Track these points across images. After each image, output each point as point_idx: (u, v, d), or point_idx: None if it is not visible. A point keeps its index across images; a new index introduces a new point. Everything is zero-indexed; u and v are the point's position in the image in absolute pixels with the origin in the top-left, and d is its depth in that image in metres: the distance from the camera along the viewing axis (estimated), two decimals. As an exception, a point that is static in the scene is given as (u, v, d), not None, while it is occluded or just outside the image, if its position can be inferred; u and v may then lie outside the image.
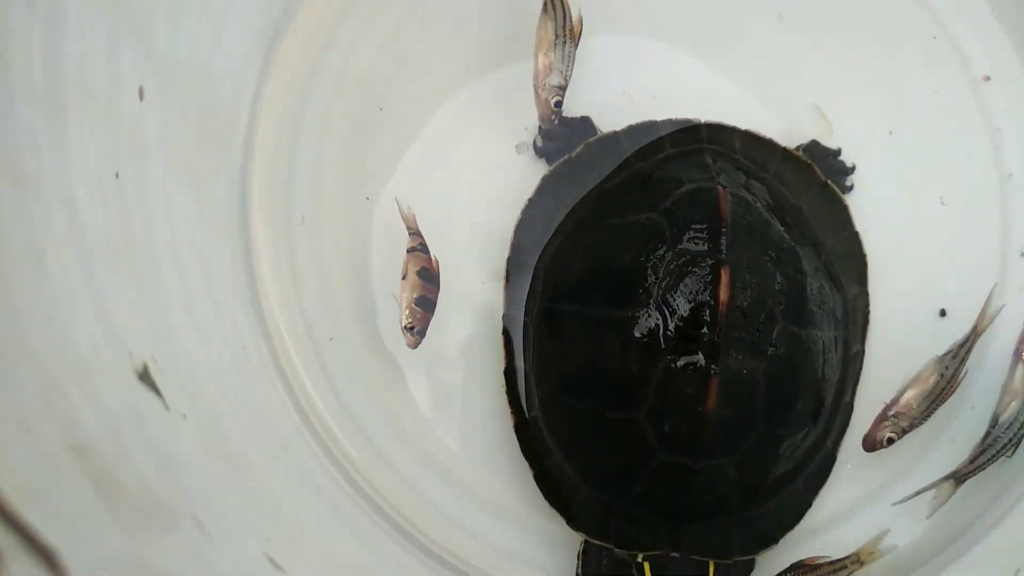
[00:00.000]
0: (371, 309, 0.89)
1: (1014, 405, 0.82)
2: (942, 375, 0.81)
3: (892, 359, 0.87)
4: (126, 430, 0.52)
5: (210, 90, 0.82)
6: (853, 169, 0.91)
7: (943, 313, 0.91)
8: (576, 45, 0.83)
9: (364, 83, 0.92)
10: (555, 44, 0.82)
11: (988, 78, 0.95)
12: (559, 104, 0.82)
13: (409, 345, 0.78)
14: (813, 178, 0.87)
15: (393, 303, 0.87)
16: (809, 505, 0.82)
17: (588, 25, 0.89)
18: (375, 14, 0.93)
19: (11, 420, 0.42)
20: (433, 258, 0.80)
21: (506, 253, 0.85)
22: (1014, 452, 0.82)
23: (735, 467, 0.76)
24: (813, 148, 0.90)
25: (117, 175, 0.63)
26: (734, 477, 0.76)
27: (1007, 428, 0.82)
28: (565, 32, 0.82)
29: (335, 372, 0.88)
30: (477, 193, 0.90)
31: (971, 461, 0.82)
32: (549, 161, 0.88)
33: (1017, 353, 0.84)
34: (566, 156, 0.85)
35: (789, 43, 0.94)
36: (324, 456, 0.84)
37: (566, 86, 0.82)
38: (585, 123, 0.88)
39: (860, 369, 0.85)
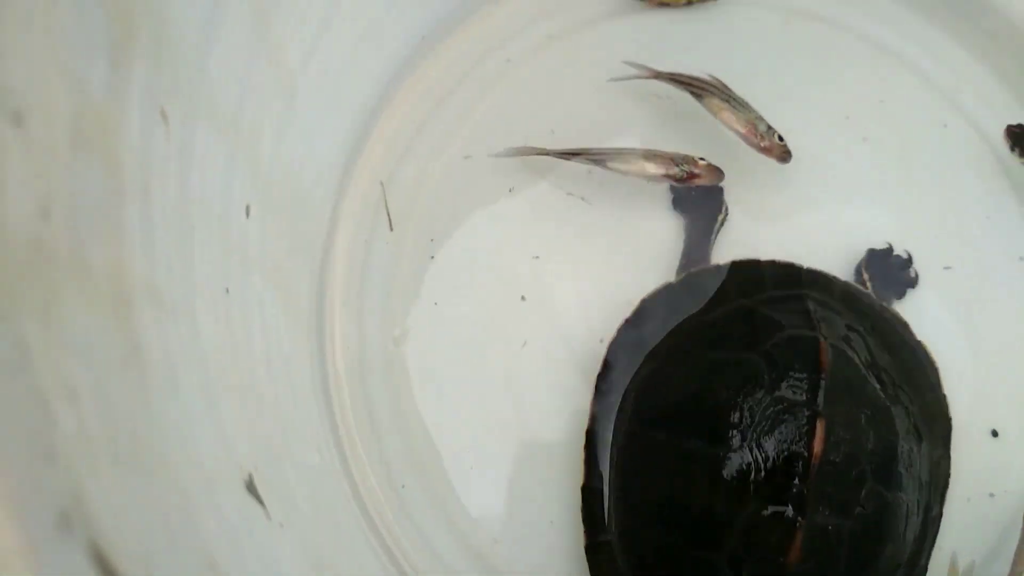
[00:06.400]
0: (438, 409, 0.91)
1: None
2: None
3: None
4: (242, 542, 0.54)
5: (300, 199, 0.86)
6: (916, 280, 0.94)
7: (995, 434, 0.92)
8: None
9: (437, 193, 0.97)
10: (732, 104, 0.90)
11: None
12: (781, 137, 0.89)
13: None
14: (908, 336, 0.88)
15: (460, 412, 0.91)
16: None
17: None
18: (455, 126, 0.98)
19: (161, 540, 0.44)
20: None
21: (597, 368, 0.86)
22: None
23: None
24: (873, 258, 0.93)
25: (227, 290, 0.67)
26: None
27: None
28: (725, 91, 0.91)
29: (402, 478, 0.90)
30: (570, 304, 0.93)
31: None
32: (677, 207, 0.94)
33: None
34: (667, 282, 0.88)
35: (856, 167, 0.98)
36: (391, 565, 0.85)
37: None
38: (717, 192, 0.94)
39: (937, 532, 0.84)
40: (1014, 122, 0.97)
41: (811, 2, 1.03)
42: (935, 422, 0.87)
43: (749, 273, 0.88)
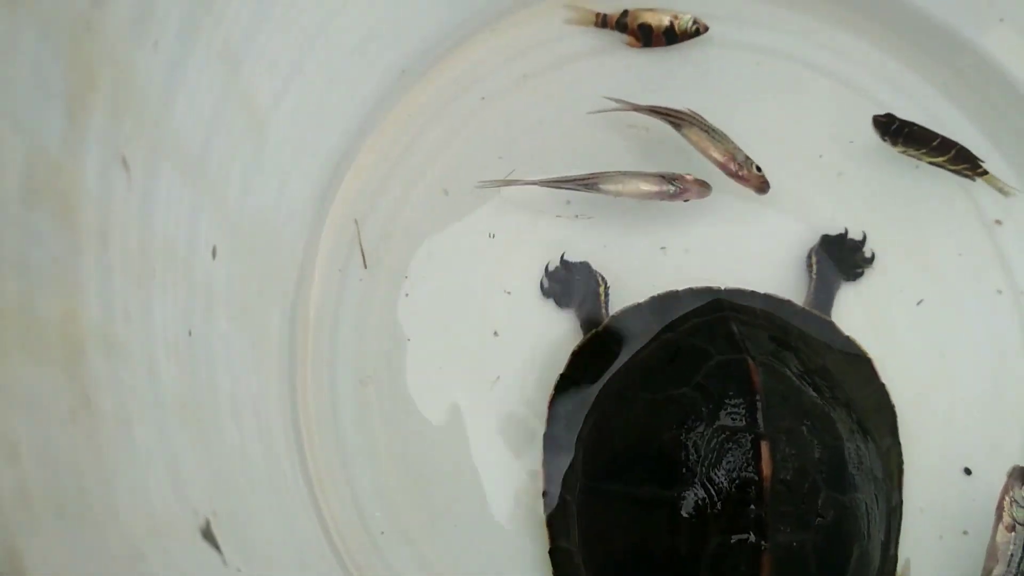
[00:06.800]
0: (411, 454, 0.91)
1: (998, 570, 0.80)
2: None
3: (914, 513, 0.89)
4: (194, 592, 0.54)
5: (270, 239, 0.86)
6: (872, 259, 0.96)
7: (968, 471, 0.92)
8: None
9: (411, 230, 0.97)
10: (712, 136, 0.92)
11: (999, 221, 0.99)
12: (759, 168, 0.91)
13: None
14: (836, 334, 0.89)
15: (434, 451, 0.91)
16: None
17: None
18: (430, 163, 0.99)
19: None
20: None
21: (541, 429, 0.87)
22: None
23: None
24: (826, 242, 0.95)
25: (190, 333, 0.67)
26: None
27: None
28: (703, 123, 0.92)
29: (374, 519, 0.90)
30: (543, 339, 0.94)
31: None
32: (557, 303, 0.94)
33: (998, 513, 0.81)
34: (594, 331, 0.88)
35: (824, 204, 0.99)
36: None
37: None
38: (585, 268, 0.94)
39: (900, 519, 0.85)
40: (978, 156, 0.97)
41: (784, 43, 1.05)
42: (879, 413, 0.88)
43: (670, 305, 0.89)
